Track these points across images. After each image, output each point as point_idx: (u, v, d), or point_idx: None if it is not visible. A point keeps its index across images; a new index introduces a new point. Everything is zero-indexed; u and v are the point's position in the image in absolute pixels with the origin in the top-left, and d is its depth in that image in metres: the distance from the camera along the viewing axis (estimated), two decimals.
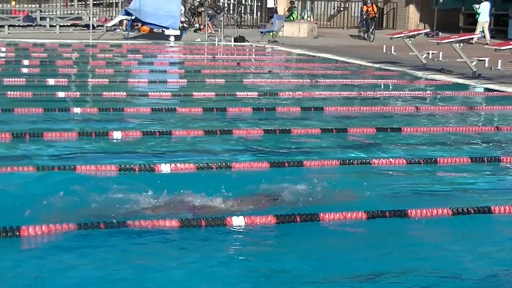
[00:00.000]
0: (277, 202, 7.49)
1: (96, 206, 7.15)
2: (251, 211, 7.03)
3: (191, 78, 18.02)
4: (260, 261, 6.08)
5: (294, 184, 8.04)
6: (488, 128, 12.43)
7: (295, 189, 7.86)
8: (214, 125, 11.75)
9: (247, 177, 8.52)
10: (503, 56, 19.36)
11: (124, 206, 7.19)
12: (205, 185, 7.99)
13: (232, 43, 29.45)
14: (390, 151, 10.31)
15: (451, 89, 17.46)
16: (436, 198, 7.86)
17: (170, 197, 7.53)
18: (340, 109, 13.70)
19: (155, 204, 7.32)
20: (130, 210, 7.11)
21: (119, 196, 7.51)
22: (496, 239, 6.85)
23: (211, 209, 7.19)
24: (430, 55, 21.54)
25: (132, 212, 7.04)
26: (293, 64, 23.81)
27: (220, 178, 8.45)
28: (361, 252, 6.33)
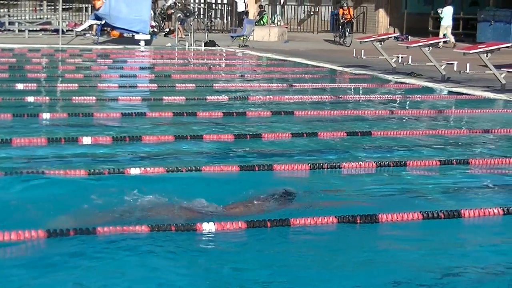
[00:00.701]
0: (248, 207, 7.47)
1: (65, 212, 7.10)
2: (221, 216, 7.01)
3: (161, 83, 17.96)
4: (231, 266, 6.06)
5: (265, 188, 8.03)
6: (457, 131, 12.51)
7: (265, 193, 7.85)
8: (184, 130, 11.71)
9: (217, 181, 8.52)
10: (472, 59, 19.48)
11: (94, 211, 7.14)
12: (175, 189, 7.98)
13: (203, 47, 29.42)
14: (360, 155, 10.35)
15: (420, 93, 17.56)
16: (406, 201, 7.89)
17: (139, 201, 7.49)
18: (311, 113, 13.72)
19: (124, 209, 7.28)
20: (100, 215, 7.07)
21: (89, 201, 7.47)
22: (465, 242, 6.88)
23: (181, 214, 7.16)
24: (399, 59, 21.63)
25: (102, 217, 7.00)
26: (263, 69, 23.81)
27: (190, 183, 8.45)
28: (332, 257, 6.34)
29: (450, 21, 32.04)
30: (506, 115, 14.77)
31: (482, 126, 13.06)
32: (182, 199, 7.48)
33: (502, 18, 32.31)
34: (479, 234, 7.14)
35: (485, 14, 33.41)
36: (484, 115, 14.52)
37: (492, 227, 7.32)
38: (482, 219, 7.38)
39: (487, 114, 14.60)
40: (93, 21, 31.26)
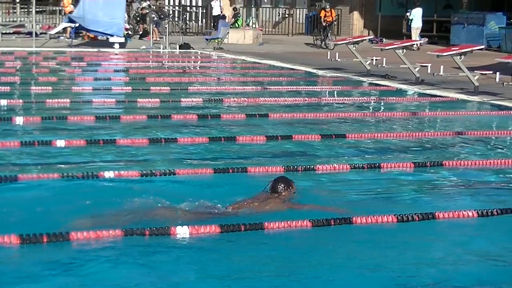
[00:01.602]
0: (222, 210, 7.46)
1: (38, 217, 7.05)
2: (195, 220, 6.98)
3: (136, 86, 17.90)
4: (204, 270, 6.05)
5: (239, 191, 8.03)
6: (431, 133, 12.56)
7: (239, 197, 7.84)
8: (158, 133, 11.68)
9: (191, 185, 8.50)
10: (445, 62, 19.59)
11: (67, 215, 7.09)
12: (149, 193, 7.96)
13: (177, 50, 29.36)
14: (335, 157, 10.37)
15: (394, 95, 17.63)
16: (380, 203, 7.91)
17: (113, 205, 7.46)
18: (285, 116, 13.73)
19: (98, 213, 7.24)
20: (73, 219, 7.02)
21: (62, 206, 7.43)
22: (440, 245, 6.90)
23: (156, 218, 7.13)
24: (374, 61, 21.70)
25: (75, 221, 6.95)
26: (238, 71, 23.81)
27: (164, 186, 8.43)
28: (306, 260, 6.33)
29: (419, 23, 32.22)
30: (479, 117, 14.85)
31: (456, 128, 13.13)
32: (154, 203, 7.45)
33: (475, 20, 32.53)
34: (454, 236, 7.17)
35: (458, 16, 33.62)
36: (458, 117, 14.60)
37: (466, 229, 7.35)
38: (456, 221, 7.41)
39: (460, 116, 14.68)
40: (67, 23, 31.11)
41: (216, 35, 32.09)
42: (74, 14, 30.08)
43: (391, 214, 7.32)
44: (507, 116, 14.88)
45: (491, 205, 7.77)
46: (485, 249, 6.74)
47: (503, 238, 7.14)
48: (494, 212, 7.56)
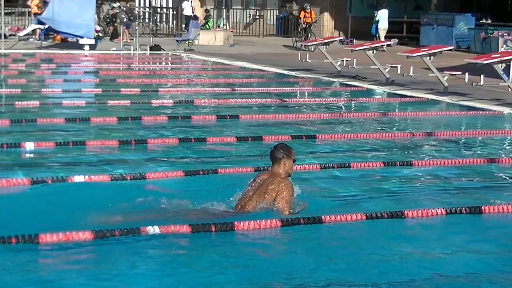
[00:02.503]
0: (193, 211, 7.45)
1: (8, 220, 7.01)
2: (166, 221, 6.97)
3: (106, 88, 17.84)
4: (175, 270, 6.04)
5: (210, 192, 8.03)
6: (401, 133, 12.62)
7: (210, 198, 7.84)
8: (129, 135, 11.65)
9: (162, 187, 8.48)
10: (415, 62, 19.72)
11: (37, 219, 7.06)
12: (120, 195, 7.95)
13: (148, 51, 29.30)
14: (305, 158, 10.39)
15: (365, 96, 17.72)
16: (350, 202, 7.94)
17: (84, 208, 7.43)
18: (256, 117, 13.75)
19: (68, 217, 7.21)
20: (43, 223, 6.98)
21: (32, 209, 7.39)
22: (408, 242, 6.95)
23: (126, 219, 7.11)
24: (344, 62, 21.79)
25: (45, 224, 6.91)
26: (209, 73, 23.80)
27: (135, 188, 8.41)
28: (276, 260, 6.36)
29: (386, 24, 32.41)
30: (448, 117, 14.95)
31: (425, 128, 13.21)
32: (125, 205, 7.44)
33: (445, 22, 32.76)
34: (422, 234, 7.22)
35: (428, 18, 33.84)
36: (428, 117, 14.68)
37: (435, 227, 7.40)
38: (425, 219, 7.47)
39: (430, 116, 14.76)
40: (36, 25, 30.90)
41: (186, 37, 32.05)
42: (44, 16, 29.89)
43: (361, 212, 7.37)
44: (476, 116, 15.00)
45: (460, 204, 7.82)
46: (453, 246, 6.79)
47: (471, 236, 7.20)
48: (462, 210, 7.63)
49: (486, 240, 7.07)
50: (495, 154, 11.26)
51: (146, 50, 29.47)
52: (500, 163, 10.38)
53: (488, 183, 9.48)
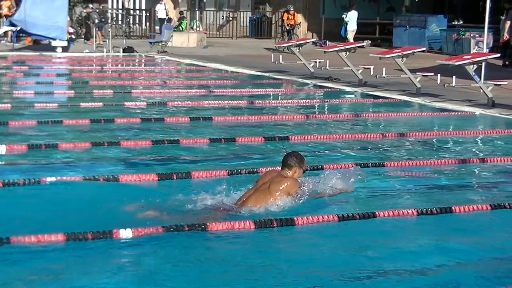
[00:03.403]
0: (166, 213, 7.45)
1: None
2: (139, 223, 6.96)
3: (79, 90, 17.77)
4: (147, 272, 6.04)
5: (183, 195, 8.03)
6: (374, 134, 12.67)
7: (183, 200, 7.84)
8: (101, 137, 11.60)
9: (135, 189, 8.47)
10: (388, 64, 19.80)
11: (9, 221, 7.03)
12: (92, 197, 7.93)
13: (121, 53, 29.19)
14: (278, 160, 10.38)
15: (338, 97, 17.79)
16: (322, 204, 7.94)
17: (56, 211, 7.40)
18: (229, 119, 13.75)
19: (40, 219, 7.18)
20: (15, 225, 6.95)
21: (3, 212, 7.35)
22: (380, 243, 6.98)
23: (99, 222, 7.09)
24: (317, 64, 21.83)
25: (17, 227, 6.88)
26: (182, 74, 23.77)
27: (107, 190, 8.39)
28: (247, 261, 6.38)
29: (355, 26, 32.55)
30: (421, 118, 15.03)
31: (398, 129, 13.28)
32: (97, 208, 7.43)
33: (417, 23, 32.94)
34: (394, 234, 7.26)
35: (400, 19, 34.02)
36: (400, 118, 14.76)
37: (407, 227, 7.45)
38: (397, 219, 7.51)
39: (403, 117, 14.84)
40: (7, 27, 30.68)
41: (160, 39, 31.96)
42: (15, 18, 29.68)
43: (332, 213, 7.40)
44: (448, 117, 15.09)
45: (431, 204, 7.88)
46: (423, 246, 6.84)
47: (442, 236, 7.25)
48: (433, 211, 7.68)
49: (456, 240, 7.13)
50: (467, 154, 11.33)
51: (119, 52, 29.36)
52: (472, 163, 10.45)
53: (460, 183, 9.54)
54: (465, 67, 16.27)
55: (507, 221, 7.77)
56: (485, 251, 6.85)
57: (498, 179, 9.84)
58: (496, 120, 14.75)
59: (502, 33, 24.93)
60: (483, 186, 9.49)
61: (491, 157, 10.94)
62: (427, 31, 32.41)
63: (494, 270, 6.35)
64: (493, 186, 9.46)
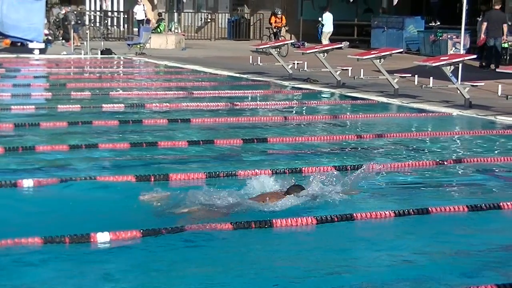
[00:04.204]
0: (144, 216, 7.44)
1: None
2: (117, 226, 6.94)
3: (56, 92, 17.69)
4: (125, 275, 6.02)
5: (161, 197, 8.02)
6: (352, 135, 12.70)
7: (161, 202, 7.83)
8: (79, 139, 11.55)
9: (113, 191, 8.45)
10: (366, 65, 19.87)
11: None
12: (69, 200, 7.91)
13: (99, 55, 29.09)
14: (256, 162, 10.42)
15: (316, 98, 17.83)
16: (301, 206, 7.95)
17: (32, 213, 7.37)
18: (207, 121, 13.73)
19: (17, 222, 7.14)
20: None
21: None
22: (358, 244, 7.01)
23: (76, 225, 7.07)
24: (296, 65, 21.86)
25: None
26: (160, 76, 23.73)
27: (85, 193, 8.36)
28: (224, 263, 6.38)
29: (331, 27, 32.59)
30: (398, 119, 15.08)
31: (376, 130, 13.32)
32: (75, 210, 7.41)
33: (395, 24, 33.05)
34: (372, 236, 7.28)
35: (378, 20, 34.12)
36: (378, 119, 14.80)
37: (384, 229, 7.47)
38: (374, 221, 7.53)
39: (381, 118, 14.88)
40: None
41: (138, 40, 31.91)
42: None
43: (311, 216, 7.41)
44: (426, 118, 15.15)
45: (408, 205, 7.90)
46: (401, 247, 6.88)
47: (419, 238, 7.28)
48: (410, 212, 7.71)
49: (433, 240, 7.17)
50: (444, 155, 11.38)
51: (97, 54, 29.26)
52: (449, 164, 10.50)
53: (437, 184, 9.58)
54: (442, 68, 16.35)
55: (484, 221, 7.80)
56: (462, 251, 6.88)
57: (475, 180, 9.89)
58: (472, 121, 14.82)
59: (479, 35, 25.05)
60: (460, 187, 9.54)
61: (467, 157, 10.99)
62: (405, 32, 32.53)
63: (471, 270, 6.38)
64: (469, 186, 9.50)
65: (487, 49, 24.72)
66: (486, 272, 6.33)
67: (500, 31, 24.26)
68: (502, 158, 10.99)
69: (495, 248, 6.99)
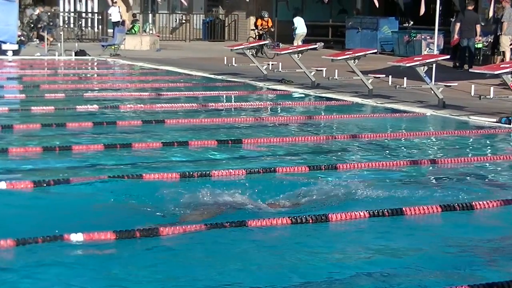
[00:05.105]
0: (118, 217, 7.42)
1: None
2: (90, 227, 6.92)
3: (30, 93, 17.59)
4: (99, 276, 6.00)
5: (134, 198, 8.01)
6: (327, 136, 12.73)
7: (135, 203, 7.82)
8: (53, 141, 11.49)
9: (86, 193, 8.43)
10: (340, 66, 19.92)
11: None
12: (43, 201, 7.88)
13: (73, 57, 28.96)
14: (231, 162, 10.42)
15: (291, 99, 17.85)
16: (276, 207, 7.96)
17: (4, 216, 7.34)
18: (182, 122, 13.71)
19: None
20: None
21: None
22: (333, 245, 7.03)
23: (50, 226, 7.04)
24: (270, 66, 21.88)
25: None
26: (135, 78, 23.66)
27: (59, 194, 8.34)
28: (203, 263, 6.37)
29: (304, 29, 32.57)
30: (373, 120, 15.13)
31: (351, 131, 13.36)
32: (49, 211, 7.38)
33: (369, 25, 33.16)
34: (347, 237, 7.30)
35: (353, 21, 34.21)
36: (353, 120, 14.84)
37: (359, 229, 7.50)
38: (349, 222, 7.55)
39: (355, 119, 14.93)
40: None
41: (112, 42, 31.80)
42: None
43: (285, 216, 7.42)
44: (400, 118, 15.22)
45: (383, 206, 7.93)
46: (375, 248, 6.90)
47: (393, 237, 7.31)
48: (385, 212, 7.73)
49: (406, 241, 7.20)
50: (418, 155, 11.44)
51: (71, 55, 29.13)
52: (423, 164, 10.56)
53: (411, 184, 9.61)
54: (416, 68, 16.42)
55: (457, 221, 7.84)
56: (435, 251, 6.91)
57: (449, 180, 9.93)
58: (446, 121, 14.91)
59: (453, 35, 25.20)
60: (433, 187, 9.57)
61: (441, 157, 11.05)
62: (379, 33, 32.65)
63: (444, 271, 6.41)
64: (443, 186, 9.54)
65: (460, 49, 24.85)
66: (459, 272, 6.36)
67: (473, 32, 24.41)
68: (475, 158, 11.06)
69: (467, 248, 7.03)
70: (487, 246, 7.14)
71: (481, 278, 6.09)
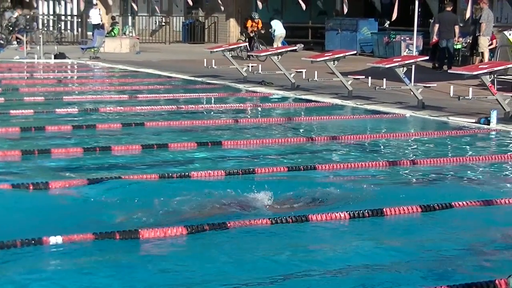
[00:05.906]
0: (97, 219, 7.40)
1: None
2: (69, 229, 6.89)
3: (8, 97, 17.50)
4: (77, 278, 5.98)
5: (115, 200, 7.99)
6: (306, 137, 12.74)
7: (115, 205, 7.80)
8: (32, 145, 11.43)
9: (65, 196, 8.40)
10: (320, 67, 19.94)
11: None
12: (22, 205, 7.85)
13: (52, 60, 28.86)
14: (210, 164, 10.42)
15: (271, 101, 17.86)
16: (255, 207, 7.97)
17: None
18: (162, 124, 13.70)
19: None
20: None
21: None
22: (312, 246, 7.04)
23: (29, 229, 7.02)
24: (250, 68, 21.88)
25: None
26: (114, 80, 23.59)
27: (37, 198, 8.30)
28: (182, 267, 6.36)
29: (282, 30, 32.54)
30: (353, 121, 15.18)
31: (330, 132, 13.38)
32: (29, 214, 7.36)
33: (349, 27, 33.27)
34: (326, 237, 7.31)
35: (332, 23, 34.30)
36: (333, 121, 14.88)
37: (338, 230, 7.51)
38: (328, 223, 7.56)
39: (335, 120, 14.96)
40: None
41: (91, 44, 31.72)
42: None
43: (265, 217, 7.43)
44: (380, 119, 15.26)
45: (363, 207, 7.94)
46: (355, 249, 6.91)
47: (372, 238, 7.33)
48: (365, 213, 7.74)
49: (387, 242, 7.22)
50: (398, 156, 11.48)
51: (50, 58, 29.03)
52: (402, 165, 10.59)
53: (391, 185, 9.64)
54: (395, 69, 16.48)
55: (437, 222, 7.87)
56: (415, 252, 6.93)
57: (428, 180, 9.97)
58: (425, 122, 14.96)
59: (432, 36, 25.32)
60: (413, 188, 9.61)
61: (421, 158, 11.09)
62: (359, 34, 32.76)
63: (424, 271, 6.43)
64: (423, 187, 9.59)
65: (439, 50, 24.97)
66: (438, 272, 6.39)
67: (452, 33, 24.53)
68: (454, 159, 11.10)
69: (447, 248, 7.04)
70: (466, 246, 7.16)
71: (461, 278, 6.11)
